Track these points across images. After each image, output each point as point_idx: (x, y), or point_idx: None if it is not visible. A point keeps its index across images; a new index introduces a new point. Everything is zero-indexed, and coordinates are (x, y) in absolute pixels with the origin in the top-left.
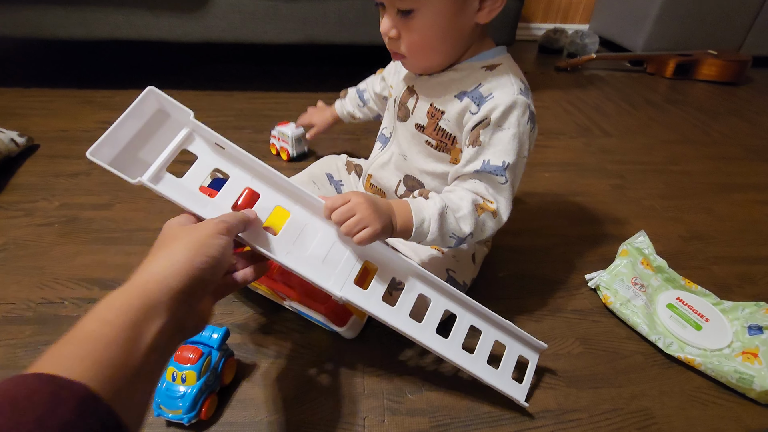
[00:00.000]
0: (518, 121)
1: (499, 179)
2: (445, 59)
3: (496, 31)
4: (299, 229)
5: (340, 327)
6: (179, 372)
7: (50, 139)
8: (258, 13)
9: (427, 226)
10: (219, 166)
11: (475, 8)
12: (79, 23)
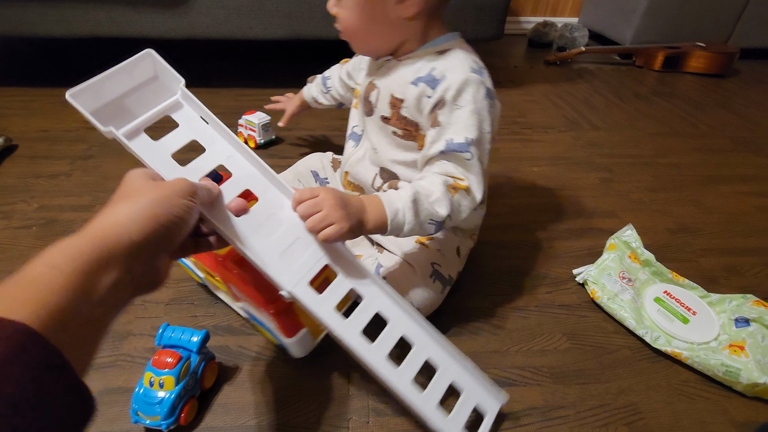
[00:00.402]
0: (474, 98)
1: (465, 155)
2: (381, 45)
3: (483, 26)
4: (265, 217)
5: (288, 338)
6: (157, 377)
7: (30, 139)
8: (242, 9)
9: (402, 217)
10: (198, 138)
11: (394, 1)
12: (58, 20)
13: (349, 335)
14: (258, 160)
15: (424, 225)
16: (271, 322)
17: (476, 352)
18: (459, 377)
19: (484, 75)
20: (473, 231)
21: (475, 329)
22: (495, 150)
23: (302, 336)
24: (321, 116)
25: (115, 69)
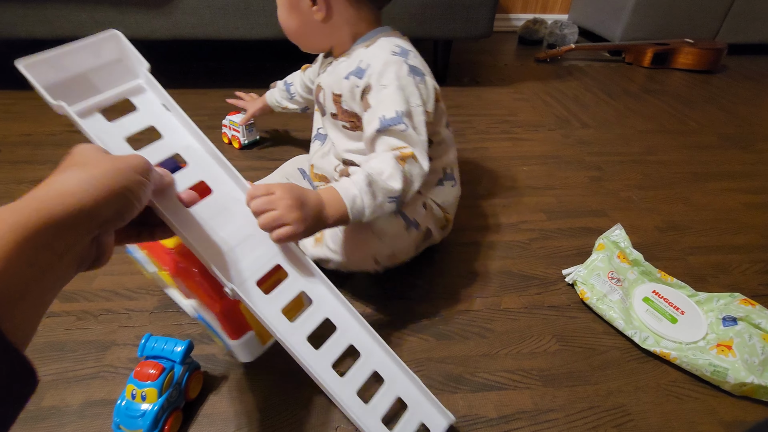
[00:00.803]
0: (397, 75)
1: (400, 127)
2: (317, 43)
3: (472, 23)
4: (218, 211)
5: (233, 339)
6: (139, 389)
7: (12, 144)
8: (228, 8)
9: (360, 202)
10: (157, 125)
11: (309, 6)
12: (39, 21)
13: (293, 340)
14: (218, 153)
15: (384, 205)
16: (216, 322)
17: (466, 356)
18: (407, 392)
19: (409, 56)
20: (444, 207)
21: (464, 333)
22: (485, 149)
23: (248, 339)
24: (308, 117)
25: (77, 45)
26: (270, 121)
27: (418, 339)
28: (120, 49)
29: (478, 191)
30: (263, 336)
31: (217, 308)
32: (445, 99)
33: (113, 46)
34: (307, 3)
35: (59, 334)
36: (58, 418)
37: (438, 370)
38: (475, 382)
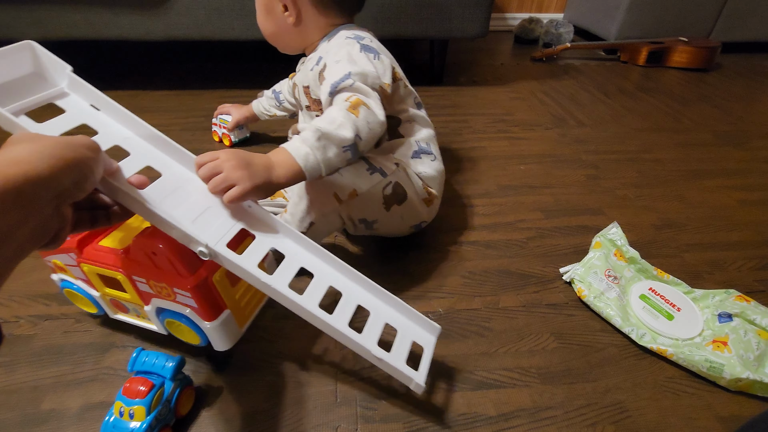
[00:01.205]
0: (348, 52)
1: (348, 82)
2: (292, 44)
3: (468, 23)
4: (171, 190)
5: (209, 321)
6: (127, 407)
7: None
8: (223, 9)
9: (313, 158)
10: (89, 123)
11: (282, 11)
12: (33, 23)
13: (278, 286)
14: (162, 138)
15: (339, 155)
16: (187, 307)
17: (465, 355)
18: (392, 317)
19: (363, 39)
20: (425, 179)
21: (463, 331)
22: (482, 148)
23: (224, 320)
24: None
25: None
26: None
27: None
28: (34, 62)
29: (475, 190)
30: (239, 317)
31: (190, 283)
32: (442, 98)
33: (27, 58)
34: (280, 9)
35: (57, 337)
36: (58, 422)
37: (437, 369)
38: (474, 380)
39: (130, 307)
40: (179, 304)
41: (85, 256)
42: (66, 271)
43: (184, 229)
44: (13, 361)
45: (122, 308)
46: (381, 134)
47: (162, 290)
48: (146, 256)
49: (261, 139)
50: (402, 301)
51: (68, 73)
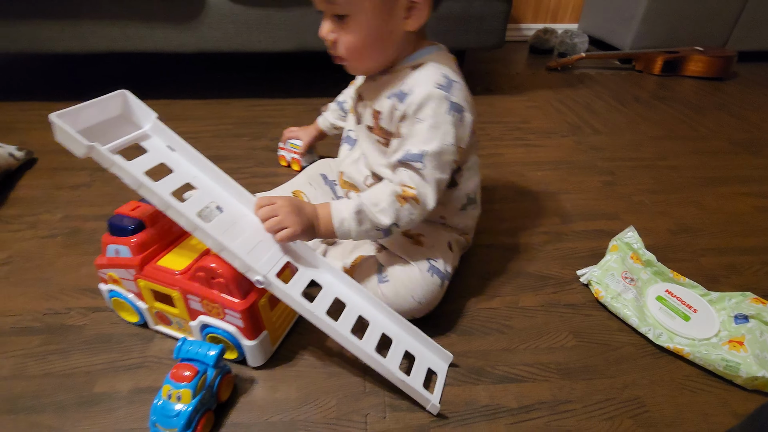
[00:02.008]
0: (435, 113)
1: (417, 165)
2: (380, 61)
3: (485, 34)
4: (229, 224)
5: (250, 340)
6: (175, 390)
7: (50, 152)
8: (251, 23)
9: (347, 225)
10: (165, 162)
11: (402, 16)
12: (74, 37)
13: (318, 313)
14: (223, 176)
15: (371, 232)
16: (234, 326)
17: (486, 351)
18: (411, 345)
19: (452, 89)
20: (465, 230)
21: (484, 329)
22: (499, 155)
23: (262, 339)
24: None
25: (90, 103)
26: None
27: (441, 335)
28: (123, 106)
29: (493, 196)
30: (273, 337)
31: (242, 306)
32: None
33: (120, 102)
34: (402, 11)
35: (106, 327)
36: (110, 403)
37: (461, 363)
38: (496, 374)
39: (174, 320)
40: (227, 322)
41: (144, 273)
42: (119, 283)
43: (246, 260)
44: (67, 348)
45: (165, 321)
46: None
47: (213, 309)
48: (206, 280)
49: None
50: (420, 331)
51: (153, 118)
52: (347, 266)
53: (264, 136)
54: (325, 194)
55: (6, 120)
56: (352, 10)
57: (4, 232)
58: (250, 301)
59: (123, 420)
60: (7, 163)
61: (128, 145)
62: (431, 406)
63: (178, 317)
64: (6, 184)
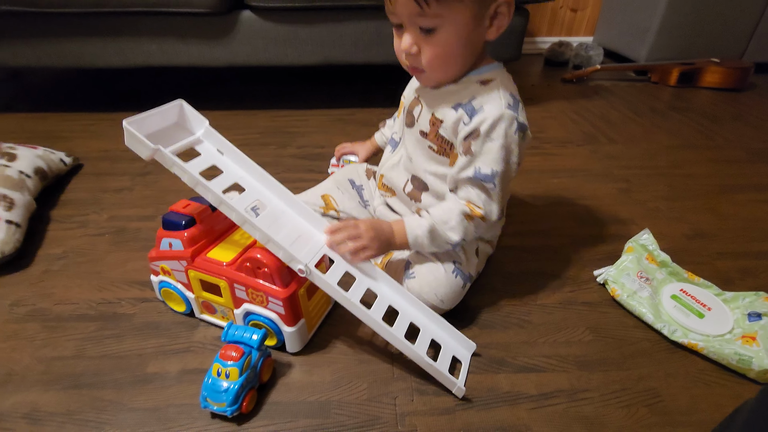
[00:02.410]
0: (505, 133)
1: (488, 185)
2: (458, 72)
3: (503, 47)
4: (272, 220)
5: (290, 326)
6: (223, 368)
7: (94, 158)
8: (279, 38)
9: (420, 241)
10: (216, 164)
11: (486, 25)
12: (115, 53)
13: (351, 302)
14: (267, 177)
15: (442, 246)
16: (276, 313)
17: (507, 343)
18: (437, 334)
19: (518, 110)
20: (491, 238)
21: (505, 323)
22: None
23: (301, 326)
24: (352, 134)
25: (152, 111)
26: (330, 132)
27: (464, 327)
28: (179, 115)
29: (512, 201)
30: (309, 325)
31: (284, 294)
32: None
33: (176, 111)
34: (486, 22)
35: (154, 316)
36: (161, 382)
37: (483, 353)
38: (516, 364)
39: (219, 309)
40: (269, 310)
41: (195, 265)
42: (170, 274)
43: (290, 250)
44: (120, 334)
45: (211, 310)
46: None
47: (257, 298)
48: (252, 270)
49: (324, 157)
50: (445, 321)
51: (205, 125)
52: (378, 261)
53: (290, 144)
54: (352, 198)
55: (53, 129)
56: (443, 23)
57: (59, 230)
58: (291, 290)
59: (174, 396)
60: (58, 168)
61: (184, 149)
62: (457, 389)
63: (223, 306)
64: (57, 188)
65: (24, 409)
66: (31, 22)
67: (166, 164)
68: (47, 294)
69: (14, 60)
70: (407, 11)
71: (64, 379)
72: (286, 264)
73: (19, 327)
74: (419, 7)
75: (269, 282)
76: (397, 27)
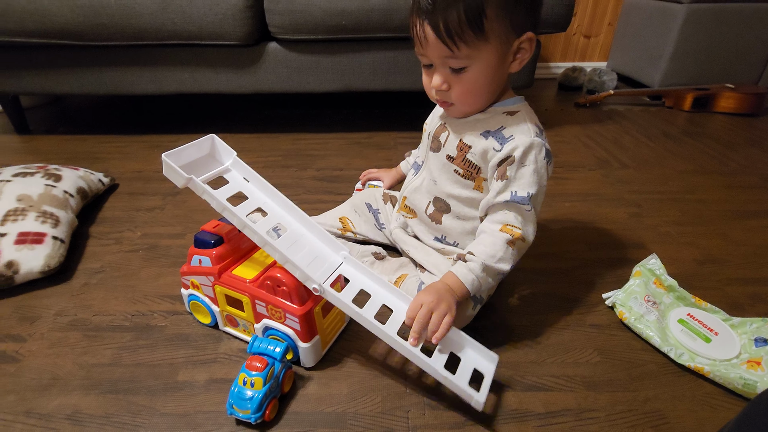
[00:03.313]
0: (536, 159)
1: (525, 207)
2: (485, 103)
3: (516, 75)
4: (292, 242)
5: (304, 342)
6: (249, 377)
7: (128, 179)
8: (302, 67)
9: (478, 284)
10: (243, 191)
11: (510, 60)
12: (151, 81)
13: (366, 318)
14: (288, 203)
15: (496, 278)
16: (292, 329)
17: (516, 362)
18: (457, 346)
19: (544, 138)
20: None
21: (514, 343)
22: None
23: (315, 342)
24: (370, 157)
25: (188, 145)
26: (348, 155)
27: None
28: (211, 147)
29: None
30: (323, 342)
31: (300, 312)
32: None
33: (209, 144)
34: (511, 57)
35: (183, 328)
36: (191, 389)
37: None
38: (524, 383)
39: (241, 323)
40: (286, 326)
41: (221, 280)
42: (199, 288)
43: (306, 271)
44: (153, 344)
45: (233, 323)
46: None
47: (275, 314)
48: (272, 287)
49: (342, 180)
50: (464, 334)
51: (233, 156)
52: (392, 281)
53: (310, 166)
54: (368, 221)
55: (91, 150)
56: (472, 63)
57: (97, 246)
58: (307, 307)
59: (203, 403)
60: (97, 188)
61: (214, 178)
62: (474, 402)
63: (245, 320)
64: (95, 206)
65: (67, 411)
66: (76, 54)
67: (198, 191)
68: (87, 305)
69: (59, 88)
70: (438, 54)
71: (103, 384)
72: (302, 283)
73: (63, 335)
74: (450, 51)
75: (287, 299)
76: (427, 66)
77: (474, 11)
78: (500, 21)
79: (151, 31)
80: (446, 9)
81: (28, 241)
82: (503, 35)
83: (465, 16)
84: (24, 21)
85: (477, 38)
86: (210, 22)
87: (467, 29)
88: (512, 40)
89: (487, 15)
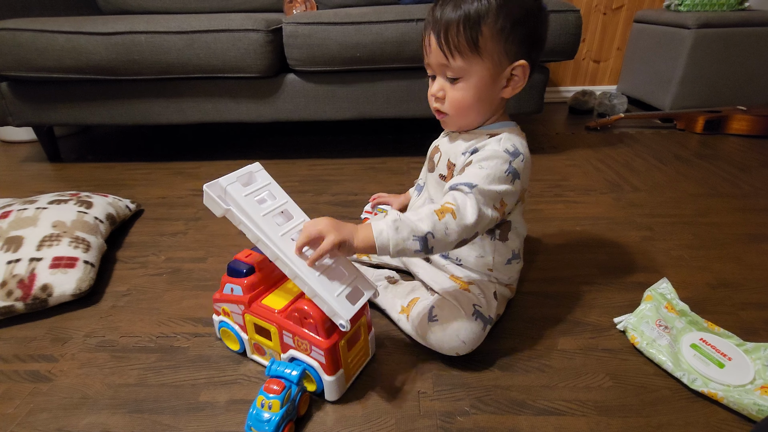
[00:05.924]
0: (495, 167)
1: (464, 189)
2: (475, 121)
3: (525, 101)
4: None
5: (329, 375)
6: (267, 400)
7: (153, 204)
8: (319, 97)
9: (385, 234)
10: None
11: (503, 85)
12: (176, 111)
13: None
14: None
15: (408, 241)
16: (317, 362)
17: (528, 386)
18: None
19: (516, 158)
20: (509, 282)
21: (526, 367)
22: (539, 210)
23: (340, 375)
24: (383, 182)
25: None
26: (363, 180)
27: (486, 370)
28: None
29: (535, 248)
30: (347, 376)
31: (326, 345)
32: None
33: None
34: (503, 81)
35: (205, 350)
36: (212, 410)
37: (504, 395)
38: (537, 407)
39: (268, 351)
40: (311, 358)
41: (251, 309)
42: (229, 316)
43: (334, 306)
44: (176, 365)
45: (261, 351)
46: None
47: (301, 345)
48: (300, 319)
49: (356, 204)
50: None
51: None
52: (404, 305)
53: (325, 191)
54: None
55: (118, 177)
56: (465, 75)
57: (124, 270)
58: (332, 341)
59: (223, 424)
60: (124, 213)
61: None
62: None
63: (272, 349)
64: (122, 231)
65: (96, 430)
66: (108, 88)
67: (235, 222)
68: (114, 327)
69: (92, 119)
70: (437, 61)
71: (129, 404)
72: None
73: (92, 356)
74: (446, 59)
75: (313, 332)
76: (432, 78)
77: (471, 26)
78: (495, 42)
79: (178, 66)
80: (448, 21)
81: (62, 266)
82: (496, 57)
83: (462, 28)
84: (62, 58)
85: (471, 52)
86: (233, 56)
87: (463, 41)
88: (505, 64)
89: (483, 32)
